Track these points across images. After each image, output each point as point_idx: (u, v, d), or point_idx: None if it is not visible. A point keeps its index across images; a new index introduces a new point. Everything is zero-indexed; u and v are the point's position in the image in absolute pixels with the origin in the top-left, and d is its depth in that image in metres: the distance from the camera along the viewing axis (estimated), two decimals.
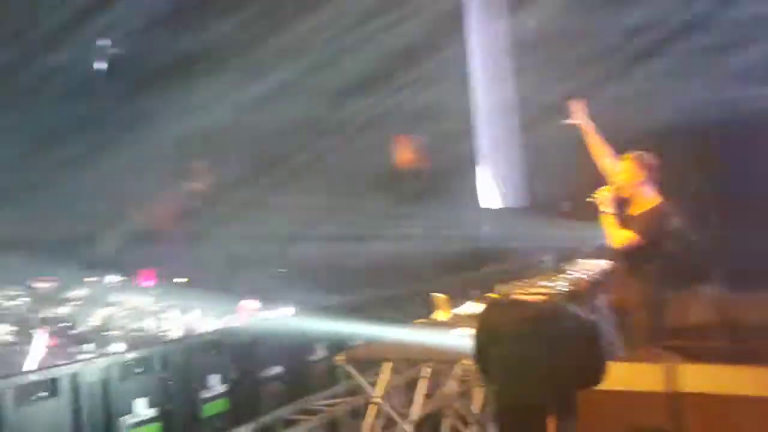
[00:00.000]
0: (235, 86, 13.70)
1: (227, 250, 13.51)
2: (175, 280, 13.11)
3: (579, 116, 6.74)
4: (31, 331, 8.66)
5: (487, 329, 3.69)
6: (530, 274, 9.88)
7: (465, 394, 6.68)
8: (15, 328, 8.75)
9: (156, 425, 5.58)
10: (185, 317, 9.86)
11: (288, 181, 13.91)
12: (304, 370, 7.14)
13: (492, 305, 3.95)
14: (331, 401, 6.87)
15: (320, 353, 7.30)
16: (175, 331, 8.87)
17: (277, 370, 6.76)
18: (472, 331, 3.69)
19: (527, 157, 14.58)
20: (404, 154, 15.03)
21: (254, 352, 6.61)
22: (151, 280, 13.24)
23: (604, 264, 9.17)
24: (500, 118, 14.77)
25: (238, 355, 6.45)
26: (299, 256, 13.35)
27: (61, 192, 13.58)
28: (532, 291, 7.83)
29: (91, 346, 7.66)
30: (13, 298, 11.84)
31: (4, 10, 12.09)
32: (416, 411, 6.66)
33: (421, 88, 13.49)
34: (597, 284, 8.40)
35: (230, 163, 14.71)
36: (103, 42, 13.03)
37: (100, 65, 12.87)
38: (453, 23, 14.66)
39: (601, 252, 10.47)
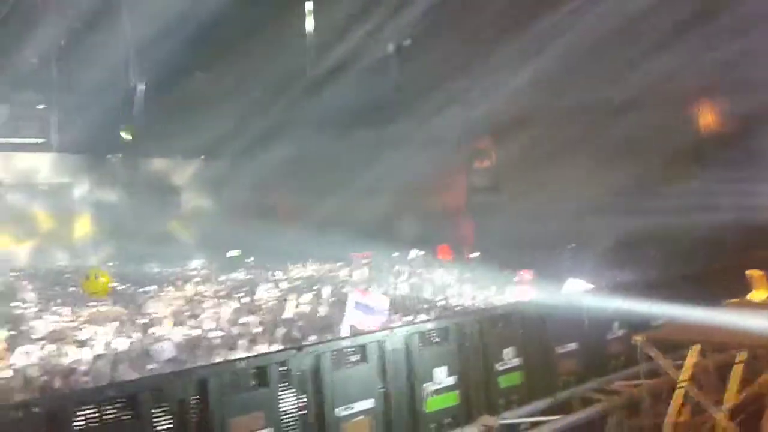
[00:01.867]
0: (521, 66, 13.29)
1: (517, 226, 13.24)
2: (468, 255, 13.29)
3: None
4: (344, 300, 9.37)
5: None
6: None
7: None
8: (333, 298, 9.57)
9: (455, 393, 5.57)
10: (476, 290, 9.86)
11: (580, 155, 13.11)
12: (599, 348, 6.60)
13: None
14: (631, 382, 6.24)
15: (617, 332, 6.68)
16: (466, 303, 8.90)
17: (572, 346, 6.33)
18: None
19: None
20: (708, 118, 13.13)
21: (548, 327, 6.26)
22: (448, 255, 13.57)
23: None
24: None
25: (532, 329, 6.16)
26: (590, 232, 12.53)
27: (369, 176, 14.61)
28: None
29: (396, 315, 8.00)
30: (333, 270, 13.08)
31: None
32: (730, 399, 5.77)
33: (725, 44, 11.54)
34: None
35: (518, 142, 14.32)
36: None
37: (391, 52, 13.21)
38: None
39: None
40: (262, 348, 6.87)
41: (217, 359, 6.43)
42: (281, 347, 6.70)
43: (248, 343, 7.17)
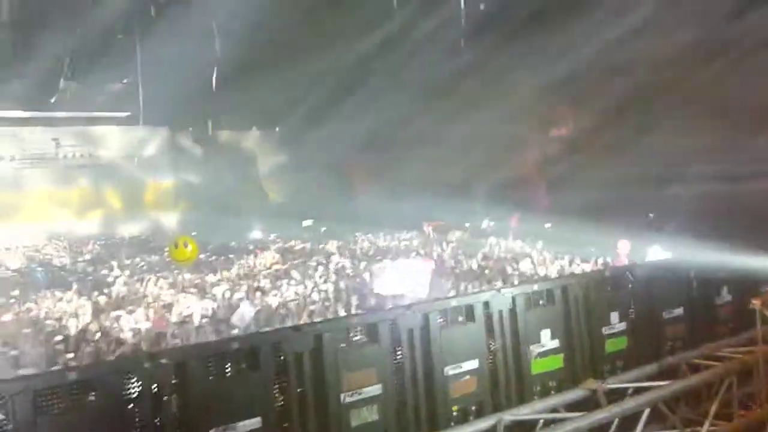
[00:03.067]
0: (597, 27, 12.68)
1: (592, 194, 12.80)
2: (544, 224, 12.96)
3: None
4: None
5: None
6: None
7: None
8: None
9: (560, 356, 5.41)
10: (557, 260, 9.59)
11: (657, 120, 12.50)
12: (707, 314, 6.30)
13: None
14: (742, 348, 5.94)
15: (725, 297, 6.37)
16: (547, 272, 8.65)
17: (678, 311, 6.06)
18: None
19: None
20: None
21: (654, 292, 6.00)
22: (521, 224, 13.24)
23: None
24: None
25: (638, 293, 5.91)
26: (670, 200, 11.97)
27: (441, 143, 14.36)
28: None
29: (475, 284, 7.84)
30: (407, 239, 13.01)
31: None
32: None
33: None
34: None
35: (594, 107, 13.74)
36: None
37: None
38: None
39: None
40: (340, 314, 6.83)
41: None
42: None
43: (324, 309, 7.18)
